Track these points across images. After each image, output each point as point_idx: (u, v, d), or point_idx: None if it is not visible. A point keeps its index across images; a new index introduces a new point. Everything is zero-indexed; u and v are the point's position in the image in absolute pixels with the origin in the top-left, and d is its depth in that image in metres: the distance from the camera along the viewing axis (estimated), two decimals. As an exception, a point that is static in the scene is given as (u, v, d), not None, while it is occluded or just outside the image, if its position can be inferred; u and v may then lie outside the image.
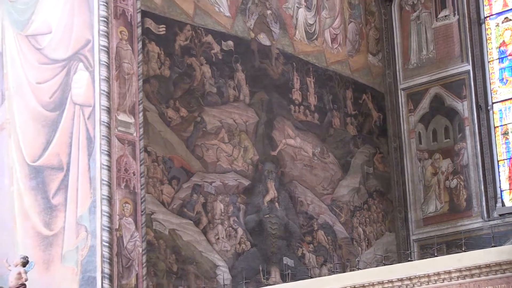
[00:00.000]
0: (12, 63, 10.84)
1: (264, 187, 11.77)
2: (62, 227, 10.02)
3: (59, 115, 10.28)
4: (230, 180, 11.33)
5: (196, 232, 10.79)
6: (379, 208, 13.57)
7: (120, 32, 10.28)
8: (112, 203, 9.76)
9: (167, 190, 10.54)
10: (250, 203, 11.52)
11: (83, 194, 9.89)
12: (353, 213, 13.09)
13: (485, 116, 13.46)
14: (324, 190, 12.67)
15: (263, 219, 11.66)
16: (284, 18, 12.79)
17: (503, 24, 13.78)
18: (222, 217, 11.11)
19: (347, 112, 13.46)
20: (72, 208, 9.96)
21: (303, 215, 12.25)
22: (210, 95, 11.39)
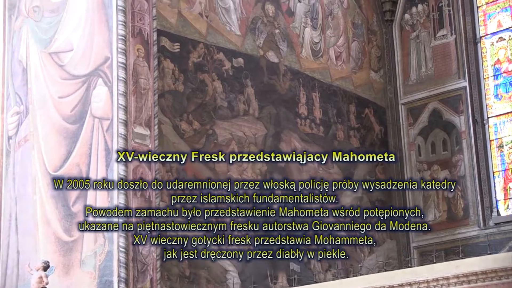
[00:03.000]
0: (36, 78, 10.86)
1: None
2: (81, 233, 10.00)
3: (79, 128, 10.28)
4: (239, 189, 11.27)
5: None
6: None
7: (137, 49, 10.29)
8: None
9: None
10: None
11: (101, 203, 9.86)
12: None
13: (481, 129, 13.42)
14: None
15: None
16: (291, 37, 12.79)
17: (498, 43, 13.75)
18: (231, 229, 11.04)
19: (350, 126, 13.44)
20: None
21: (309, 222, 12.17)
22: (221, 109, 11.38)
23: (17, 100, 11.06)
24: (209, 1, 11.58)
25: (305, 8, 13.15)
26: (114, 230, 9.54)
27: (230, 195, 9.82)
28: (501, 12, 13.80)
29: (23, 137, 10.86)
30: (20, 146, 10.89)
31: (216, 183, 10.18)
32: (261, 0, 12.42)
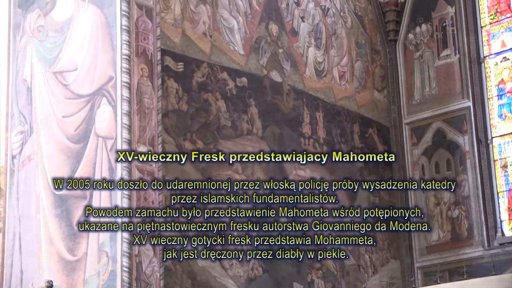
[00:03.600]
0: (40, 98, 10.87)
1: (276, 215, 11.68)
2: (85, 253, 9.97)
3: (83, 147, 10.28)
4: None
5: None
6: (385, 236, 13.49)
7: (141, 69, 10.31)
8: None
9: (183, 219, 10.46)
10: (262, 231, 11.43)
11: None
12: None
13: (485, 149, 13.41)
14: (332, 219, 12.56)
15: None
16: (295, 56, 12.81)
17: (502, 63, 13.77)
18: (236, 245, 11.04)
19: (354, 145, 13.44)
20: (94, 235, 9.90)
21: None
22: (225, 128, 11.38)
23: (21, 119, 11.08)
24: (213, 20, 11.61)
25: (308, 28, 13.18)
26: (115, 230, 9.54)
27: (230, 195, 9.88)
28: (505, 32, 13.83)
29: (27, 156, 10.86)
30: (24, 165, 10.90)
31: (216, 183, 10.20)
32: (265, 20, 12.46)
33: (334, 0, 13.76)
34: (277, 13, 12.66)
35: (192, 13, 11.32)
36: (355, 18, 14.16)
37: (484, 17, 14.03)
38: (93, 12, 10.55)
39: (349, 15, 14.02)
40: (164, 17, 10.85)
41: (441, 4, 14.22)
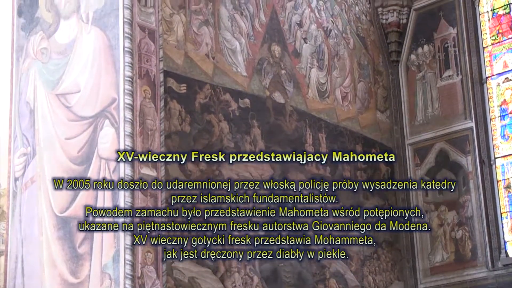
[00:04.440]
0: (43, 120, 10.85)
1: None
2: (88, 275, 9.91)
3: (86, 169, 10.24)
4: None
5: (214, 280, 10.66)
6: (388, 257, 13.42)
7: (144, 91, 10.29)
8: (135, 252, 9.67)
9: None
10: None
11: (107, 244, 9.80)
12: (363, 262, 12.94)
13: (488, 170, 13.36)
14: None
15: (277, 267, 11.53)
16: (297, 77, 12.80)
17: (504, 84, 13.76)
18: (239, 265, 11.00)
19: (357, 166, 13.40)
20: (97, 257, 9.86)
21: (316, 264, 12.11)
22: (227, 149, 11.33)
23: (24, 142, 11.05)
24: (216, 42, 11.62)
25: (311, 49, 13.19)
26: (115, 230, 9.53)
27: (230, 195, 9.85)
28: (507, 53, 13.82)
29: (30, 179, 10.83)
30: (26, 188, 10.86)
31: (216, 183, 10.17)
32: (268, 41, 12.46)
33: (336, 22, 13.78)
34: (279, 35, 12.67)
35: (195, 35, 11.33)
36: (358, 39, 14.16)
37: (486, 38, 14.03)
38: (96, 34, 10.56)
39: (351, 36, 14.03)
40: (166, 39, 10.85)
41: (443, 25, 14.23)
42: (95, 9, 10.65)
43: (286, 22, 12.85)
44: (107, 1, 10.54)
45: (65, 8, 11.03)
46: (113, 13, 10.43)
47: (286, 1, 12.92)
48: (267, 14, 12.53)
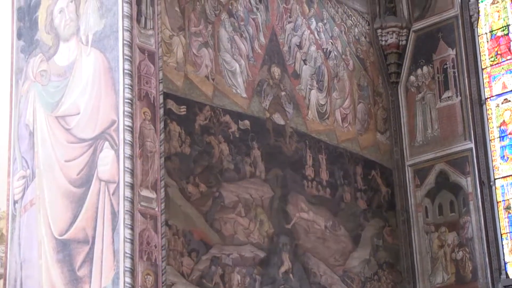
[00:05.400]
0: (42, 142, 10.81)
1: (279, 259, 11.59)
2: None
3: (85, 191, 10.19)
4: (246, 252, 11.16)
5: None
6: (389, 279, 13.33)
7: (144, 113, 10.25)
8: (135, 275, 9.59)
9: (187, 262, 10.37)
10: (265, 275, 11.32)
11: (107, 266, 9.73)
12: (364, 283, 12.85)
13: (488, 191, 13.30)
14: (336, 262, 12.46)
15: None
16: (297, 99, 12.77)
17: (503, 105, 13.72)
18: (239, 287, 10.93)
19: (357, 187, 13.34)
20: (97, 280, 9.78)
21: (316, 285, 12.04)
22: (227, 171, 11.29)
23: (23, 164, 11.00)
24: (215, 64, 11.60)
25: (310, 70, 13.16)
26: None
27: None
28: (505, 74, 13.79)
29: (29, 201, 10.77)
30: (26, 210, 10.80)
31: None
32: (267, 63, 12.44)
33: (336, 43, 13.77)
34: (279, 56, 12.64)
35: (195, 57, 11.31)
36: (357, 60, 14.15)
37: (485, 59, 14.00)
38: (96, 57, 10.54)
39: (351, 57, 14.01)
40: (166, 61, 10.83)
41: (442, 46, 14.22)
42: (94, 31, 10.64)
43: (286, 43, 12.83)
44: (106, 23, 10.53)
45: (64, 30, 11.03)
46: (112, 35, 10.41)
47: (285, 23, 12.91)
48: (266, 36, 12.52)
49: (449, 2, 14.28)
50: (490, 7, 14.20)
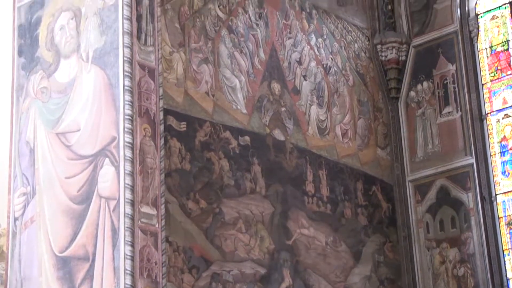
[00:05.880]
0: (43, 159, 10.82)
1: (279, 275, 11.57)
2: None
3: (85, 208, 10.19)
4: (247, 268, 11.15)
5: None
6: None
7: (144, 129, 10.27)
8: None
9: (187, 279, 10.36)
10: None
11: (107, 284, 9.72)
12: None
13: (489, 207, 13.29)
14: (337, 278, 12.44)
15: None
16: (297, 114, 12.78)
17: (503, 120, 13.73)
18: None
19: (358, 203, 13.33)
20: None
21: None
22: (228, 187, 11.30)
23: (24, 181, 11.01)
24: (215, 80, 11.62)
25: (311, 86, 13.18)
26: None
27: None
28: (506, 90, 13.81)
29: (30, 218, 10.77)
30: (26, 227, 10.80)
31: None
32: (267, 79, 12.46)
33: (335, 59, 13.80)
34: (279, 72, 12.67)
35: (195, 73, 11.34)
36: (357, 76, 14.17)
37: (485, 75, 14.03)
38: (96, 73, 10.57)
39: (350, 73, 14.04)
40: (166, 77, 10.86)
41: (442, 61, 14.24)
42: (95, 48, 10.68)
43: (286, 59, 12.86)
44: (107, 40, 10.56)
45: (65, 47, 11.06)
46: (113, 52, 10.45)
47: (285, 38, 12.94)
48: (266, 52, 12.55)
49: (448, 18, 14.32)
50: (490, 22, 14.23)
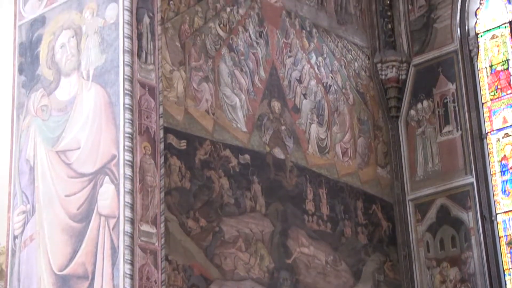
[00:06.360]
0: (43, 177, 10.83)
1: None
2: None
3: (85, 226, 10.19)
4: (247, 287, 11.13)
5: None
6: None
7: (144, 147, 10.29)
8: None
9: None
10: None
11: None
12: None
13: (490, 226, 13.28)
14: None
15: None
16: (297, 133, 12.81)
17: (504, 139, 13.75)
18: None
19: (358, 222, 13.33)
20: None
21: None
22: (228, 206, 11.30)
23: (23, 199, 11.02)
24: (216, 98, 11.65)
25: (311, 104, 13.21)
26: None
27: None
28: (506, 109, 13.83)
29: (29, 236, 10.76)
30: (26, 246, 10.79)
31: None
32: (267, 97, 12.49)
33: (336, 77, 13.83)
34: (279, 90, 12.70)
35: (195, 91, 11.37)
36: (357, 94, 14.20)
37: (485, 94, 14.05)
38: (96, 91, 10.60)
39: (351, 92, 14.07)
40: (167, 95, 10.89)
41: (442, 80, 14.28)
42: (95, 66, 10.72)
43: (286, 78, 12.90)
44: (107, 58, 10.60)
45: (66, 65, 11.10)
46: (113, 70, 10.49)
47: (285, 57, 12.98)
48: (266, 70, 12.59)
49: (448, 37, 14.37)
50: (490, 41, 14.28)
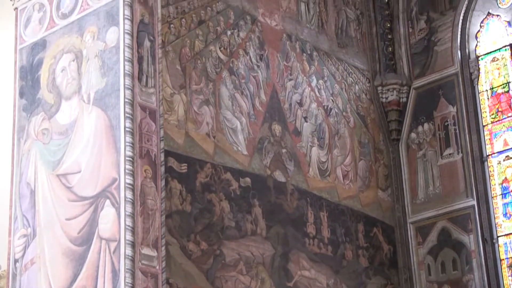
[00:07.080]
0: (43, 201, 10.87)
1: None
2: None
3: (86, 250, 10.22)
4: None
5: None
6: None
7: (145, 170, 10.33)
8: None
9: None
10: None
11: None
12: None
13: (491, 249, 13.29)
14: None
15: None
16: (298, 156, 12.84)
17: (505, 162, 13.77)
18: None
19: (359, 245, 13.33)
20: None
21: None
22: (229, 229, 11.32)
23: (24, 223, 11.04)
24: (216, 121, 11.69)
25: (311, 127, 13.26)
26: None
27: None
28: (506, 131, 13.87)
29: (30, 260, 10.78)
30: (26, 269, 10.79)
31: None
32: (268, 120, 12.54)
33: (336, 100, 13.89)
34: (280, 114, 12.75)
35: (196, 114, 11.42)
36: (358, 117, 14.25)
37: (486, 116, 14.09)
38: (97, 115, 10.65)
39: (351, 114, 14.12)
40: (167, 119, 10.94)
41: (442, 103, 14.32)
42: (96, 89, 10.77)
43: (287, 101, 12.95)
44: (108, 81, 10.66)
45: (66, 89, 11.16)
46: (114, 93, 10.54)
47: (286, 80, 13.04)
48: (267, 94, 12.64)
49: (449, 60, 14.43)
50: (490, 64, 14.34)
